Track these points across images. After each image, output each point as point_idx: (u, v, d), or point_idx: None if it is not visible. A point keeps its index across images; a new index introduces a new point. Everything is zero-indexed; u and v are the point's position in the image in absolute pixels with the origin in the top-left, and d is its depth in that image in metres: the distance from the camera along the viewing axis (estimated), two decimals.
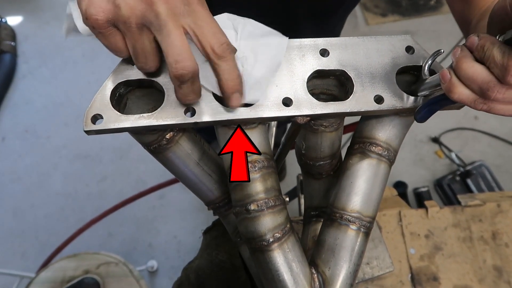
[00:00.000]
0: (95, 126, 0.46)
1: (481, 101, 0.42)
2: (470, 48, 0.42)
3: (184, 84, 0.44)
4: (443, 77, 0.44)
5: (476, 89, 0.42)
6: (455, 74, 0.43)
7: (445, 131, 2.37)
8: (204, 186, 0.60)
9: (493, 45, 0.39)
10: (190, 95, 0.45)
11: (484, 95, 0.41)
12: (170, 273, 2.03)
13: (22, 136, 2.40)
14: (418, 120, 0.52)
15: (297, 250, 0.53)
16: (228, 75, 0.45)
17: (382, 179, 0.56)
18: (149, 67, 0.45)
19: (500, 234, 1.04)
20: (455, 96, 0.43)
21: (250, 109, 0.50)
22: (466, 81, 0.42)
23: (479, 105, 0.43)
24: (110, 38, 0.43)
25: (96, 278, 1.42)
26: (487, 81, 0.40)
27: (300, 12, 0.91)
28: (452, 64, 0.44)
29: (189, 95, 0.45)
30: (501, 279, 0.98)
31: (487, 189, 2.13)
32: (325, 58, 0.54)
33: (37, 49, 2.71)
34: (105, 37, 0.42)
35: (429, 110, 0.50)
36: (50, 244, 1.98)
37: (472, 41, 0.42)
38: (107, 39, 0.43)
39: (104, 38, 0.42)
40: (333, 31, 1.09)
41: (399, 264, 0.99)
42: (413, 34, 2.87)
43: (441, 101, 0.49)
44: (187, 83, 0.44)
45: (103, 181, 2.27)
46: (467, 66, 0.41)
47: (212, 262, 0.81)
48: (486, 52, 0.40)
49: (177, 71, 0.42)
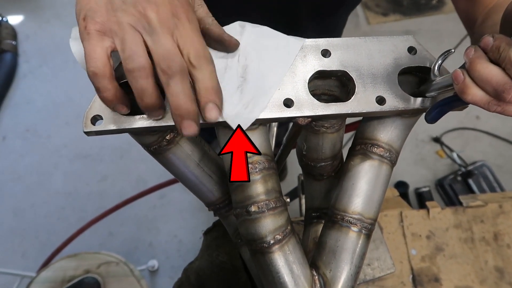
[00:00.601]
0: (95, 127, 0.46)
1: (495, 103, 0.41)
2: (484, 48, 0.41)
3: (172, 80, 0.41)
4: (456, 78, 0.43)
5: (490, 91, 0.41)
6: (468, 75, 0.42)
7: (446, 131, 2.37)
8: (205, 187, 0.60)
9: (509, 46, 0.38)
10: (180, 96, 0.41)
11: (499, 97, 0.40)
12: (171, 273, 2.03)
13: (23, 136, 2.40)
14: (429, 121, 0.52)
15: (298, 252, 0.52)
16: (202, 84, 0.43)
17: (384, 181, 0.56)
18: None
19: (502, 235, 1.04)
20: (469, 97, 0.42)
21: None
22: (480, 82, 0.41)
23: (492, 107, 0.42)
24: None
25: (96, 277, 1.42)
26: (502, 83, 0.39)
27: (303, 11, 0.91)
28: (464, 65, 0.43)
29: (179, 96, 0.42)
30: (503, 281, 0.98)
31: (489, 189, 2.12)
32: (327, 59, 0.54)
33: (38, 48, 2.71)
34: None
35: (440, 111, 0.50)
36: (50, 244, 1.98)
37: (486, 41, 0.41)
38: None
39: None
40: (335, 31, 1.08)
41: (400, 265, 0.98)
42: (414, 33, 2.87)
43: (452, 102, 0.48)
44: (175, 78, 0.41)
45: (103, 181, 2.27)
46: (481, 67, 0.40)
47: (212, 263, 0.80)
48: (502, 53, 0.39)
49: (164, 63, 0.40)
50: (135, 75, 0.41)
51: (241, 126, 0.49)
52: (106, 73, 0.41)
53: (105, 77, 0.42)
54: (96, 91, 0.43)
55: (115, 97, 0.43)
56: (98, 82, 0.42)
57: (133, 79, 0.41)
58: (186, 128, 0.43)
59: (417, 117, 0.58)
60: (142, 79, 0.41)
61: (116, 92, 0.43)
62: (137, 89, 0.41)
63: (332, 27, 1.03)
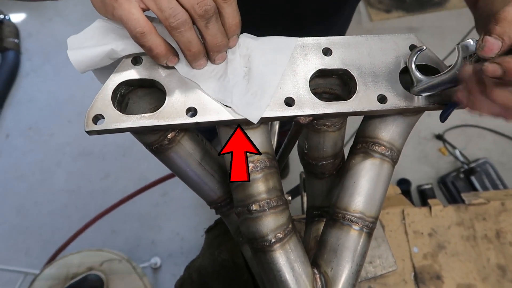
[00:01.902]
0: (96, 126, 0.46)
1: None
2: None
3: (210, 22, 0.44)
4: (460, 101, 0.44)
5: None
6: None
7: (449, 128, 2.36)
8: (206, 185, 0.60)
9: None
10: (218, 34, 0.46)
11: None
12: (173, 270, 2.03)
13: (26, 134, 2.41)
14: (443, 120, 0.53)
15: (299, 251, 0.52)
16: (231, 19, 0.47)
17: (385, 179, 0.56)
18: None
19: (504, 232, 1.03)
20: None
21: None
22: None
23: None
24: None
25: (99, 274, 1.42)
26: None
27: (307, 12, 0.90)
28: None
29: (217, 35, 0.46)
30: (505, 278, 0.98)
31: (491, 186, 2.11)
32: (328, 57, 0.54)
33: (41, 46, 2.72)
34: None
35: (452, 111, 0.52)
36: (53, 241, 1.99)
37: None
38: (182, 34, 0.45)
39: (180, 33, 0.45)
40: (340, 31, 1.07)
41: (402, 262, 0.98)
42: (417, 30, 2.85)
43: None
44: (212, 20, 0.44)
45: (106, 178, 2.28)
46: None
47: (214, 261, 0.81)
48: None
49: (200, 9, 0.43)
50: (181, 30, 0.44)
51: (255, 116, 0.49)
52: (152, 29, 0.44)
53: (152, 33, 0.44)
54: (147, 50, 0.46)
55: (168, 49, 0.47)
56: (148, 40, 0.44)
57: (179, 34, 0.44)
58: (220, 58, 0.50)
59: (419, 116, 0.57)
60: (187, 32, 0.44)
61: (167, 45, 0.46)
62: (185, 42, 0.45)
63: (336, 27, 1.02)
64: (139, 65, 0.50)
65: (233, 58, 0.51)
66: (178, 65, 0.49)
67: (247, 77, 0.50)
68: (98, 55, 0.48)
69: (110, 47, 0.48)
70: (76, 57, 0.47)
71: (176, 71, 0.50)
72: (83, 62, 0.48)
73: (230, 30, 0.48)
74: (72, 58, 0.47)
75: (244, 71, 0.51)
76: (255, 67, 0.51)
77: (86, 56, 0.48)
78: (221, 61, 0.50)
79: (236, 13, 0.47)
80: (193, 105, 0.48)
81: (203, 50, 0.48)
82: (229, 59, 0.51)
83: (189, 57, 0.48)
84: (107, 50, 0.48)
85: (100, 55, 0.48)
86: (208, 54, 0.49)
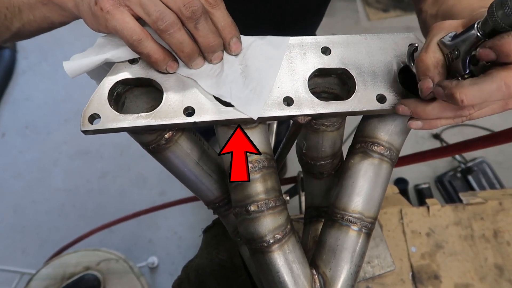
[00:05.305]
0: (92, 126, 0.45)
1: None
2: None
3: (199, 23, 0.44)
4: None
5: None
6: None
7: (446, 128, 2.36)
8: (204, 186, 0.59)
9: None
10: (209, 35, 0.46)
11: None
12: (171, 269, 2.03)
13: (22, 132, 2.40)
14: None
15: (297, 251, 0.52)
16: (223, 21, 0.47)
17: (384, 179, 0.56)
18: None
19: (501, 232, 1.03)
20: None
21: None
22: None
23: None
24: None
25: (96, 274, 1.42)
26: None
27: (289, 10, 0.89)
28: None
29: (209, 35, 0.46)
30: (503, 278, 0.98)
31: (488, 185, 2.12)
32: (327, 57, 0.53)
33: (37, 44, 2.70)
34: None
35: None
36: (50, 240, 1.99)
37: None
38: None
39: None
40: (314, 28, 1.06)
41: (400, 262, 0.98)
42: (415, 29, 2.84)
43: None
44: (201, 21, 0.44)
45: (103, 177, 2.27)
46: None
47: (212, 261, 0.80)
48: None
49: (187, 11, 0.43)
50: (170, 32, 0.44)
51: (255, 112, 0.49)
52: (148, 36, 0.44)
53: (149, 40, 0.44)
54: (145, 57, 0.46)
55: (166, 54, 0.46)
56: (146, 47, 0.44)
57: (169, 36, 0.44)
58: (217, 58, 0.49)
59: None
60: (177, 33, 0.44)
61: (164, 50, 0.46)
62: (176, 43, 0.45)
63: (313, 25, 1.01)
64: (135, 64, 0.49)
65: (229, 56, 0.51)
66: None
67: (244, 74, 0.50)
68: (94, 62, 0.48)
69: (105, 57, 0.48)
70: (70, 65, 0.47)
71: None
72: (76, 70, 0.48)
73: (224, 32, 0.48)
74: (66, 67, 0.47)
75: (241, 68, 0.50)
76: (252, 63, 0.51)
77: (81, 65, 0.48)
78: (218, 61, 0.50)
79: (227, 15, 0.47)
80: (191, 104, 0.48)
81: (197, 50, 0.47)
82: (225, 57, 0.51)
83: (183, 58, 0.47)
84: (102, 59, 0.48)
85: (95, 63, 0.48)
86: (203, 54, 0.49)
